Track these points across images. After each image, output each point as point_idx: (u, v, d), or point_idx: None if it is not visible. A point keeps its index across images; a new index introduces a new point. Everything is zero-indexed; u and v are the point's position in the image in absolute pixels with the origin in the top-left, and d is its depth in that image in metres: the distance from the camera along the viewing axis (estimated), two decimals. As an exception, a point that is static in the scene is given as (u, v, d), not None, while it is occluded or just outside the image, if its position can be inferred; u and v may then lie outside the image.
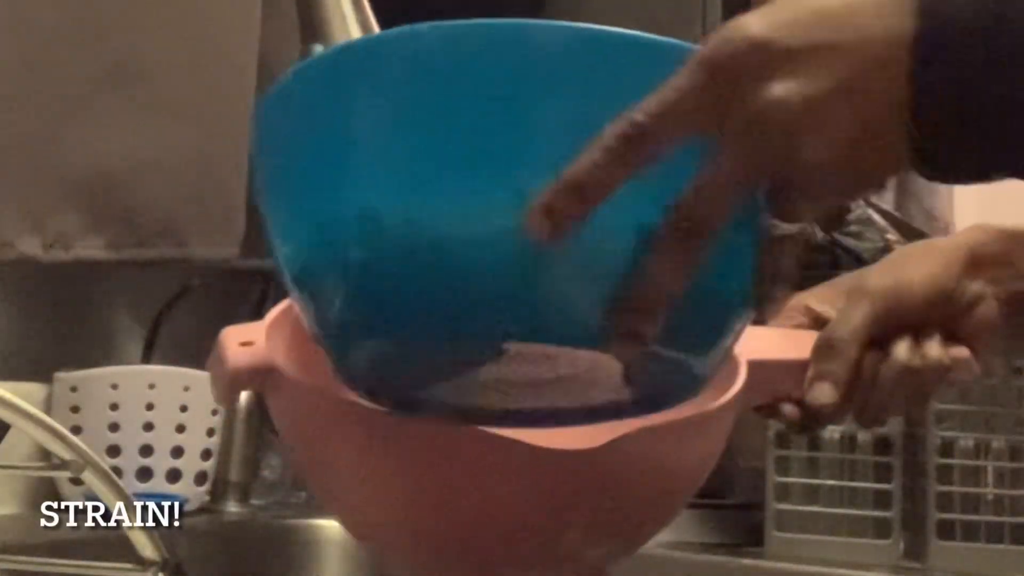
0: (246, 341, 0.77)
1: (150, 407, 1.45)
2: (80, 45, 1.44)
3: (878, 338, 0.88)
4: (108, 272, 1.54)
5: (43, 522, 1.32)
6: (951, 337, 0.89)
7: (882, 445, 1.40)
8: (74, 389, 1.44)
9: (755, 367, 0.84)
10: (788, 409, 0.88)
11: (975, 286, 0.89)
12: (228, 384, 0.76)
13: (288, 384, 0.75)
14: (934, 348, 0.88)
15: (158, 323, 1.59)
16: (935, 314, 0.89)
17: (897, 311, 0.88)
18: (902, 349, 0.88)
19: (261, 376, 0.76)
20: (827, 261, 1.55)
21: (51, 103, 1.43)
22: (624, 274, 0.62)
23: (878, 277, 0.90)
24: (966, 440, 1.39)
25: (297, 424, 0.77)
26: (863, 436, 1.40)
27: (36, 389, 1.42)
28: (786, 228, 0.63)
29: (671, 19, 1.55)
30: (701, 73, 0.62)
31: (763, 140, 0.61)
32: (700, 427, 0.77)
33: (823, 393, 0.87)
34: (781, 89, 0.61)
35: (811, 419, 0.88)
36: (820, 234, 1.63)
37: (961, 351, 0.89)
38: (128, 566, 0.79)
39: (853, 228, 1.59)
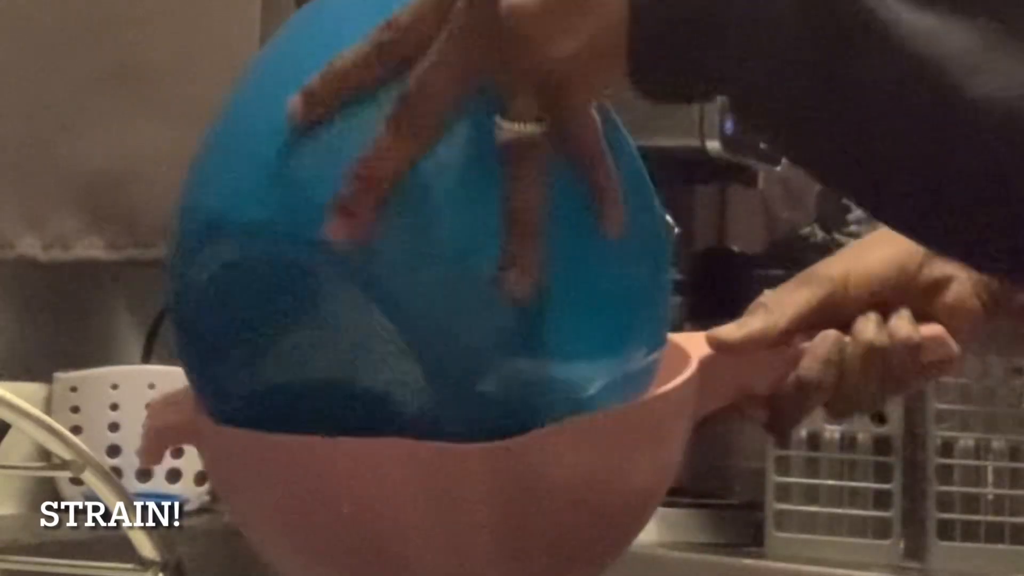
0: (173, 403, 0.78)
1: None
2: (80, 45, 1.44)
3: (829, 322, 0.84)
4: (108, 272, 1.54)
5: (43, 522, 1.32)
6: (923, 320, 0.85)
7: (882, 445, 1.40)
8: (74, 389, 1.44)
9: (709, 364, 0.80)
10: (751, 409, 0.86)
11: (943, 267, 0.86)
12: (151, 441, 0.77)
13: (207, 431, 0.74)
14: (902, 325, 0.84)
15: (158, 323, 1.59)
16: (898, 296, 0.85)
17: (848, 295, 0.85)
18: (864, 327, 0.84)
19: (186, 433, 0.76)
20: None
21: (51, 103, 1.43)
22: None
23: (831, 262, 0.87)
24: (966, 440, 1.39)
25: (221, 471, 0.77)
26: (863, 436, 1.40)
27: (36, 389, 1.42)
28: (517, 130, 0.64)
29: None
30: None
31: (495, 40, 0.64)
32: (631, 425, 0.72)
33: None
34: None
35: (777, 417, 0.85)
36: (820, 234, 1.63)
37: (933, 328, 0.85)
38: (128, 566, 0.79)
39: (853, 228, 1.59)
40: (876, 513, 1.39)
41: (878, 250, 0.87)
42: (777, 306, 0.85)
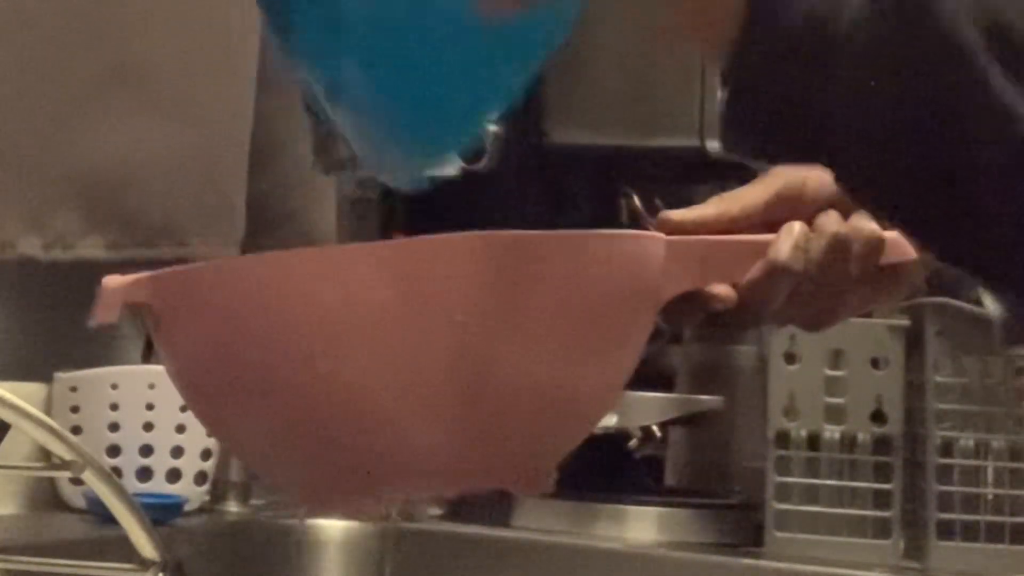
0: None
1: (150, 407, 1.45)
2: (80, 45, 1.44)
3: (782, 217, 0.85)
4: (108, 272, 1.54)
5: (43, 522, 1.32)
6: None
7: (882, 445, 1.40)
8: (74, 389, 1.44)
9: (674, 247, 0.81)
10: (720, 289, 0.83)
11: None
12: (103, 295, 0.78)
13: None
14: (864, 221, 0.84)
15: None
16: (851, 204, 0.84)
17: (806, 195, 0.85)
18: (828, 219, 0.84)
19: (141, 288, 0.78)
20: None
21: (51, 103, 1.43)
22: None
23: (790, 167, 0.88)
24: (966, 440, 1.39)
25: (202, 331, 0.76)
26: (863, 436, 1.40)
27: (36, 389, 1.42)
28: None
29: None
30: None
31: None
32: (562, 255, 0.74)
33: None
34: None
35: (744, 306, 0.84)
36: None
37: (891, 232, 0.84)
38: (128, 566, 0.79)
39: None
40: (876, 513, 1.39)
41: None
42: (730, 197, 0.88)
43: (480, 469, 0.74)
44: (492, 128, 0.77)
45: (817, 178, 0.86)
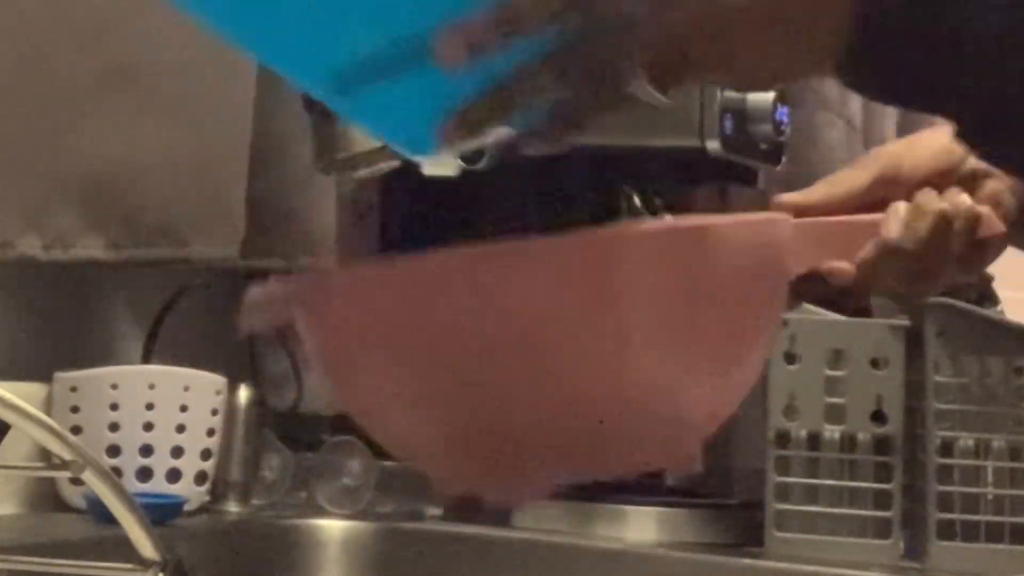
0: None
1: (150, 407, 1.45)
2: (80, 45, 1.44)
3: (885, 201, 0.90)
4: (108, 272, 1.54)
5: (43, 522, 1.32)
6: None
7: (882, 445, 1.40)
8: (74, 389, 1.44)
9: (797, 228, 0.84)
10: (840, 266, 0.88)
11: (981, 163, 0.91)
12: (265, 301, 0.78)
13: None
14: (963, 198, 0.90)
15: (158, 323, 1.59)
16: (945, 180, 0.91)
17: (901, 176, 0.91)
18: (929, 197, 0.90)
19: (302, 292, 0.78)
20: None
21: (51, 103, 1.43)
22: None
23: (882, 150, 0.95)
24: (966, 440, 1.39)
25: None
26: (863, 436, 1.40)
27: (36, 389, 1.42)
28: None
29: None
30: None
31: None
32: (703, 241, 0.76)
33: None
34: None
35: (860, 282, 0.89)
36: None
37: (984, 208, 0.91)
38: (128, 566, 0.79)
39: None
40: (876, 513, 1.39)
41: (925, 141, 0.94)
42: (836, 180, 0.93)
43: (628, 452, 0.76)
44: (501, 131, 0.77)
45: (912, 158, 0.93)
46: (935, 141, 0.93)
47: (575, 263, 0.74)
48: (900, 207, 0.90)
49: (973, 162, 0.92)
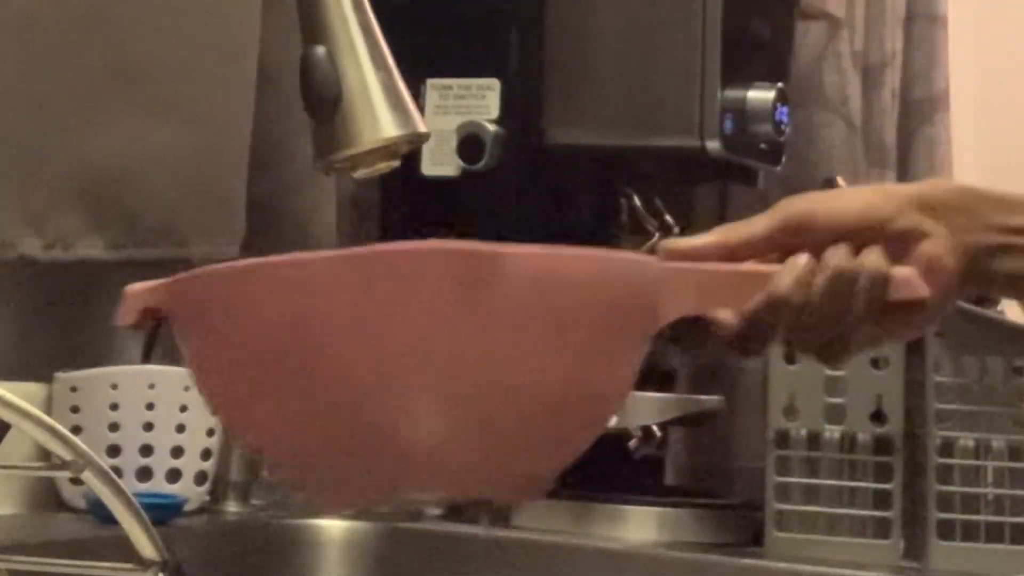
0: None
1: (150, 407, 1.45)
2: (80, 45, 1.44)
3: (790, 247, 0.85)
4: (108, 272, 1.54)
5: (43, 522, 1.32)
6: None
7: (882, 445, 1.40)
8: (74, 389, 1.44)
9: (673, 273, 0.82)
10: (723, 315, 0.84)
11: (919, 220, 0.86)
12: (125, 301, 0.80)
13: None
14: (872, 257, 0.84)
15: (158, 323, 1.58)
16: (867, 237, 0.85)
17: (815, 228, 0.85)
18: (834, 253, 0.84)
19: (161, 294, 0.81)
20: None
21: (51, 103, 1.43)
22: None
23: (798, 198, 0.88)
24: (966, 440, 1.39)
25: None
26: (863, 436, 1.40)
27: (36, 389, 1.42)
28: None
29: (672, 19, 1.55)
30: None
31: None
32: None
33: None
34: None
35: (744, 335, 0.84)
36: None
37: (904, 269, 0.85)
38: (128, 566, 0.79)
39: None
40: (876, 513, 1.39)
41: (849, 193, 0.90)
42: (734, 226, 0.87)
43: (475, 478, 0.75)
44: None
45: (829, 210, 0.86)
46: (859, 195, 0.88)
47: (353, 280, 0.72)
48: (799, 260, 0.84)
49: (904, 221, 0.86)
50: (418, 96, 1.31)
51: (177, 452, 1.46)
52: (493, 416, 0.74)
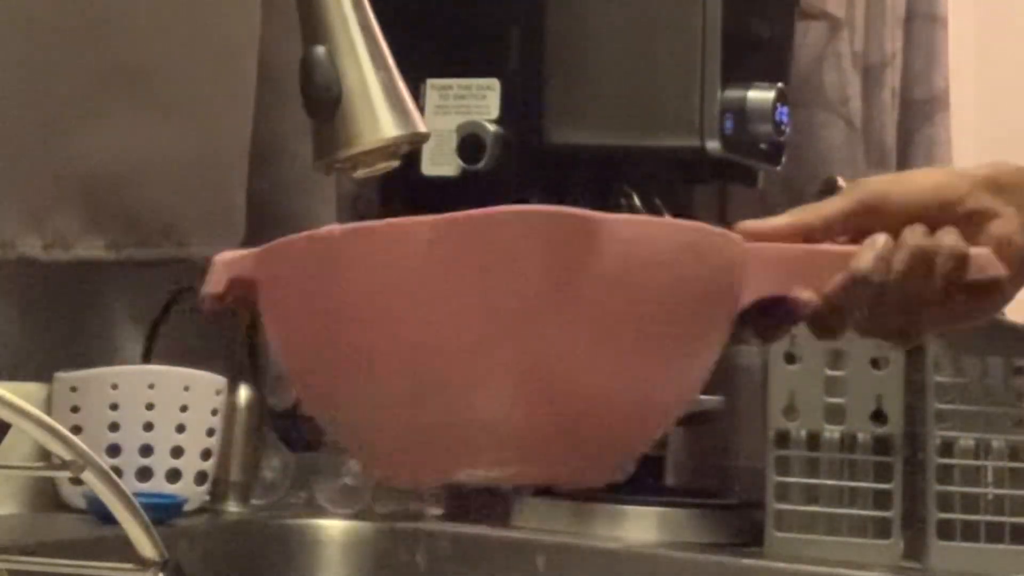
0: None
1: (150, 407, 1.45)
2: (80, 45, 1.44)
3: (864, 229, 0.85)
4: (108, 272, 1.54)
5: (43, 522, 1.32)
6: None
7: (882, 445, 1.40)
8: (74, 389, 1.44)
9: (756, 251, 0.81)
10: (805, 295, 0.83)
11: (990, 201, 0.87)
12: (215, 271, 0.78)
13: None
14: (949, 235, 0.85)
15: (158, 323, 1.59)
16: (940, 221, 0.86)
17: (888, 210, 0.86)
18: (912, 232, 0.85)
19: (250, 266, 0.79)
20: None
21: (51, 103, 1.43)
22: None
23: (871, 179, 0.89)
24: (966, 440, 1.39)
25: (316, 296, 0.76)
26: (863, 436, 1.40)
27: (36, 389, 1.42)
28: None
29: (672, 19, 1.55)
30: None
31: None
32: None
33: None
34: None
35: (824, 314, 0.84)
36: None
37: (981, 249, 0.85)
38: (128, 566, 0.79)
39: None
40: (876, 513, 1.39)
41: (921, 175, 0.90)
42: (809, 208, 0.88)
43: (550, 461, 0.75)
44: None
45: (902, 191, 0.87)
46: (930, 176, 0.89)
47: (449, 245, 0.72)
48: (878, 239, 0.84)
49: (975, 201, 0.87)
50: (418, 96, 1.31)
51: (177, 452, 1.46)
52: (576, 393, 0.73)
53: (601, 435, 0.75)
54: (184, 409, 1.46)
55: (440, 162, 1.58)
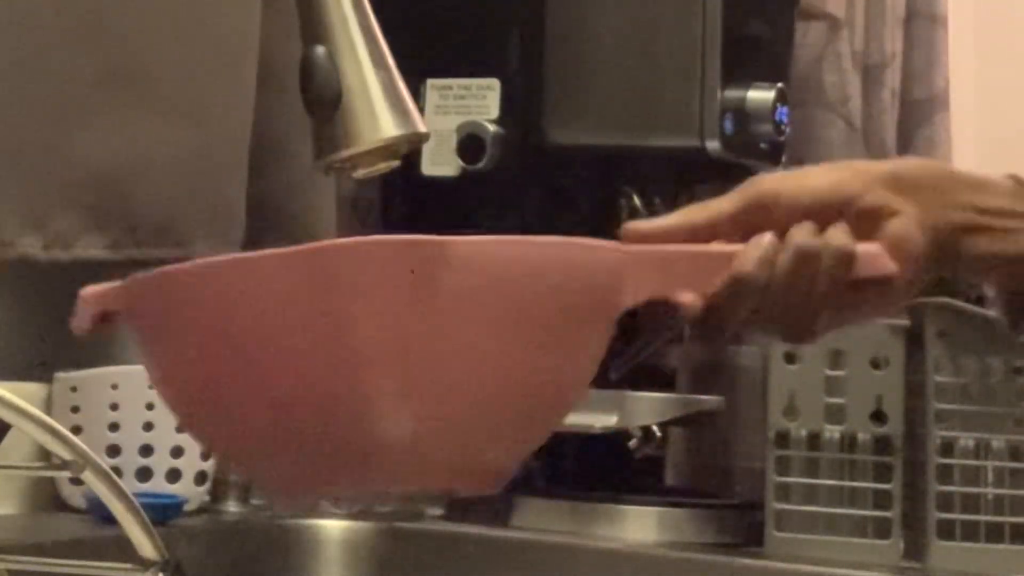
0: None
1: (150, 407, 1.45)
2: (80, 45, 1.44)
3: (756, 227, 0.84)
4: (108, 272, 1.54)
5: (43, 522, 1.32)
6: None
7: (882, 445, 1.40)
8: (74, 389, 1.44)
9: (635, 256, 0.81)
10: (687, 297, 0.82)
11: (889, 198, 0.85)
12: (79, 306, 0.80)
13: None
14: (837, 234, 0.83)
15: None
16: (834, 217, 0.84)
17: (780, 206, 0.84)
18: (797, 231, 0.83)
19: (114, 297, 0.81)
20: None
21: (51, 103, 1.43)
22: None
23: (764, 177, 0.87)
24: (966, 440, 1.39)
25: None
26: (863, 436, 1.40)
27: (36, 389, 1.42)
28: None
29: (672, 19, 1.55)
30: None
31: None
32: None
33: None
34: None
35: (708, 318, 0.82)
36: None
37: (870, 245, 0.83)
38: (128, 566, 0.79)
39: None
40: (876, 513, 1.39)
41: (817, 171, 0.87)
42: (697, 207, 0.87)
43: (437, 470, 0.75)
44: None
45: (795, 188, 0.85)
46: (827, 173, 0.86)
47: (303, 277, 0.72)
48: (763, 239, 0.82)
49: (873, 198, 0.84)
50: (418, 96, 1.31)
51: (177, 452, 1.46)
52: (454, 408, 0.73)
53: (487, 442, 0.75)
54: (184, 409, 1.46)
55: (440, 162, 1.58)
